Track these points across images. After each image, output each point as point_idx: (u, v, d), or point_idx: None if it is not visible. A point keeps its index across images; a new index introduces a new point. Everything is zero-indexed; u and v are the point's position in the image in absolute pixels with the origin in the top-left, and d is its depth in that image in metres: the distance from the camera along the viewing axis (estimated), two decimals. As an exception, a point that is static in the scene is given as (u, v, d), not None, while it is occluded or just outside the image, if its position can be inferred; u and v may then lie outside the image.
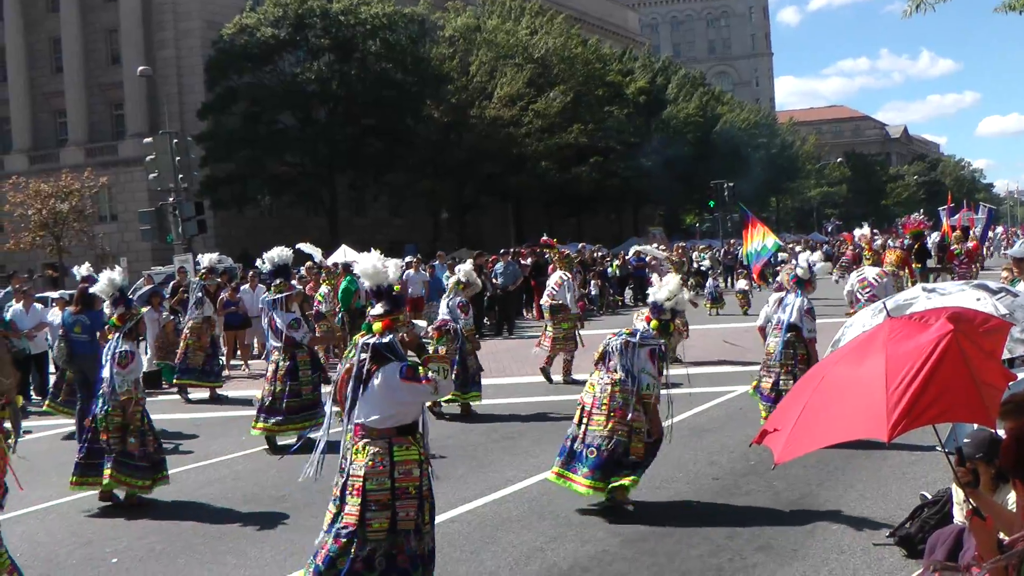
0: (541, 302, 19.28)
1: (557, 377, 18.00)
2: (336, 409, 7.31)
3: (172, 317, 21.31)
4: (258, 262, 15.02)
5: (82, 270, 16.89)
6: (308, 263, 24.78)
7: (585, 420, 9.60)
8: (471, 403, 15.26)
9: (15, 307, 19.25)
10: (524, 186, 62.84)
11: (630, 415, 9.40)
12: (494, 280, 28.92)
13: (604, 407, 9.47)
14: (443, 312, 15.49)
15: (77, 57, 64.05)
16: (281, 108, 56.58)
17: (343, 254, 34.08)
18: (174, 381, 19.73)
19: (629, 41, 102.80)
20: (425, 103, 58.76)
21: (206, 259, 21.16)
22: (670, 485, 10.41)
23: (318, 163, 57.04)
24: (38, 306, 19.48)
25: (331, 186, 58.50)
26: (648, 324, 9.70)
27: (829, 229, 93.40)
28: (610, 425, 9.40)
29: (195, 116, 57.81)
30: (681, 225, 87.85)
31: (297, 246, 19.71)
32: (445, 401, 14.59)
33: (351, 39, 56.89)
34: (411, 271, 27.31)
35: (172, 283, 24.66)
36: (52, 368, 19.62)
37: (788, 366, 12.10)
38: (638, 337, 9.55)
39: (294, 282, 15.84)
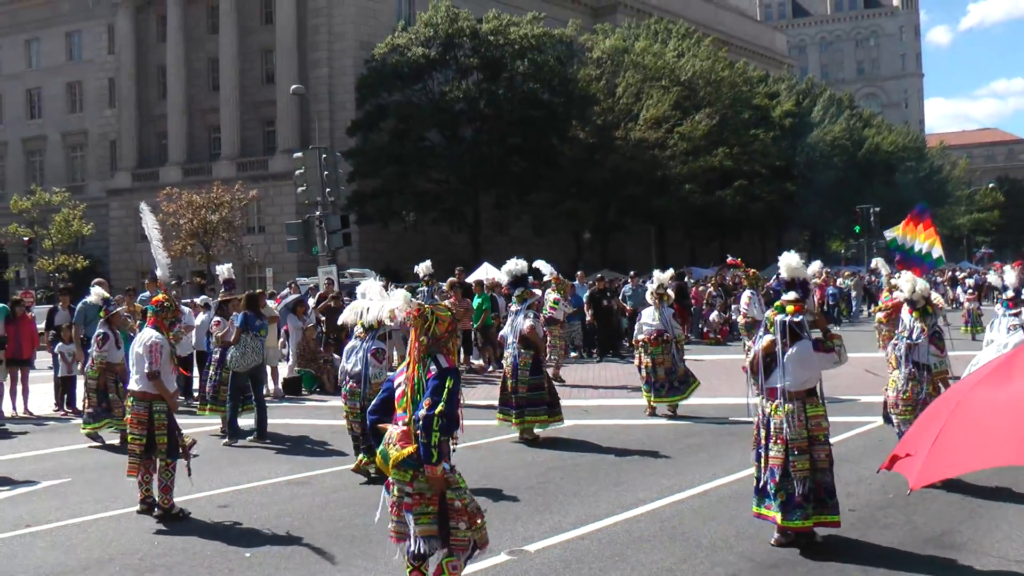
0: (738, 319, 20.50)
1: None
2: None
3: (315, 325, 21.90)
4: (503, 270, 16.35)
5: (224, 270, 17.37)
6: (450, 279, 25.05)
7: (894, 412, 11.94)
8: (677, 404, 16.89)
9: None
10: (667, 208, 62.47)
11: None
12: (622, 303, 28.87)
13: (908, 399, 11.55)
14: (653, 322, 16.85)
15: (233, 76, 66.24)
16: (429, 125, 57.45)
17: (485, 272, 34.36)
18: None
19: (776, 63, 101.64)
20: (571, 124, 58.99)
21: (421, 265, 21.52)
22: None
23: (463, 180, 57.67)
24: (186, 309, 19.90)
25: (475, 204, 59.06)
26: (912, 316, 11.58)
27: (979, 257, 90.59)
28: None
29: (344, 133, 59.15)
30: (826, 251, 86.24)
31: (536, 263, 22.31)
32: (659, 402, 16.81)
33: (499, 59, 57.51)
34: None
35: (318, 294, 25.23)
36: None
37: None
38: (915, 335, 11.48)
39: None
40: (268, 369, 20.99)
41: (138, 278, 57.31)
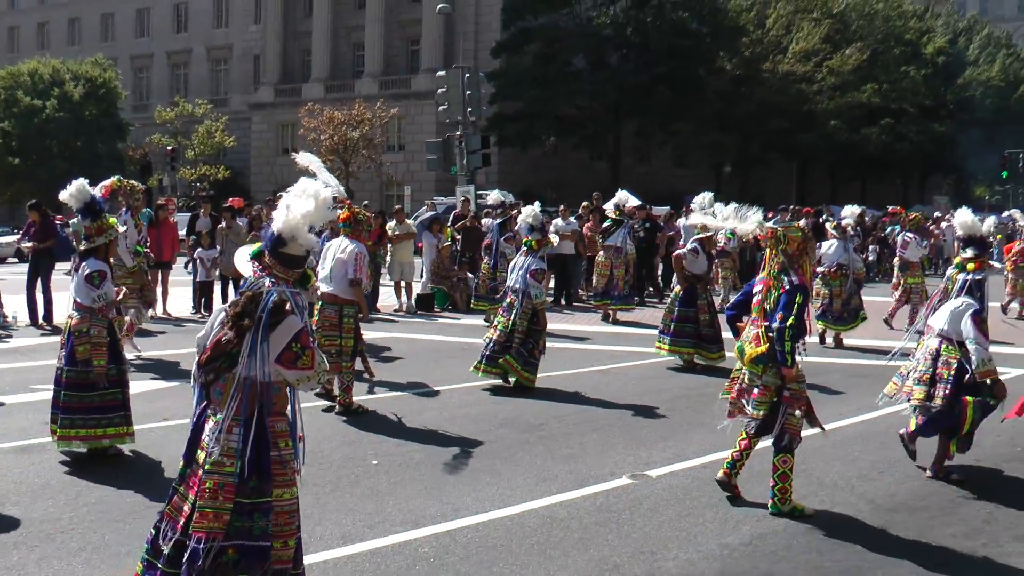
0: (896, 260, 20.55)
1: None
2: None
3: (449, 243, 22.25)
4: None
5: (498, 195, 18.54)
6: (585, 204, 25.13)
7: None
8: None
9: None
10: (811, 144, 61.24)
11: None
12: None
13: None
14: (836, 256, 17.46)
15: (381, -6, 66.54)
16: (574, 51, 57.18)
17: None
18: (594, 304, 21.34)
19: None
20: (719, 54, 58.11)
21: (621, 195, 21.87)
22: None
23: (606, 108, 57.31)
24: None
25: (617, 132, 58.74)
26: None
27: None
28: None
29: (489, 55, 59.19)
30: (970, 196, 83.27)
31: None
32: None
33: (649, -16, 56.79)
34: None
35: (454, 213, 25.42)
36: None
37: None
38: None
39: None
40: (403, 284, 21.57)
41: (277, 191, 58.74)
